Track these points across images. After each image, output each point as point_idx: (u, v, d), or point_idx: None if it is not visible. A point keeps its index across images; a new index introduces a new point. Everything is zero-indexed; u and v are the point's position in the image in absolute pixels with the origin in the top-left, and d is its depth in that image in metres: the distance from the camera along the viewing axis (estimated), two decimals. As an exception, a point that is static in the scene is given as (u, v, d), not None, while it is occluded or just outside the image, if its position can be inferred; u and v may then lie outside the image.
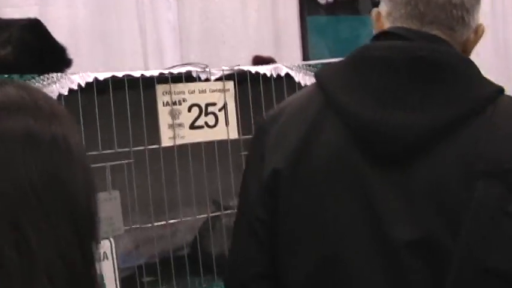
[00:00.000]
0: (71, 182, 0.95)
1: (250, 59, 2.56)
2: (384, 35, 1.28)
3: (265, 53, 2.70)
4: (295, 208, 1.24)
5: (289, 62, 2.18)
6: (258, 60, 2.11)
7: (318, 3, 2.84)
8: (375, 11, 1.38)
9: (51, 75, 1.78)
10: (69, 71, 1.85)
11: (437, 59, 1.17)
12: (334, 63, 1.33)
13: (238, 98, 2.04)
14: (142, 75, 1.88)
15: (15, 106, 0.95)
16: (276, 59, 2.62)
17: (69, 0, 2.38)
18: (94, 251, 1.00)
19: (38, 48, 1.78)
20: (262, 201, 1.28)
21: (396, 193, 1.16)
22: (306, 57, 2.78)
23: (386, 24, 1.32)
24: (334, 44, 2.86)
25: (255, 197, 1.29)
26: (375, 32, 1.36)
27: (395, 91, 1.17)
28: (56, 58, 1.83)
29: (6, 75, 1.70)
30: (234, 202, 2.11)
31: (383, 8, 1.34)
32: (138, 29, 2.50)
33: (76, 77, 1.80)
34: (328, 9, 2.86)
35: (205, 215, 2.07)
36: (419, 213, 1.14)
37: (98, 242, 1.01)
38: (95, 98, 1.84)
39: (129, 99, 1.88)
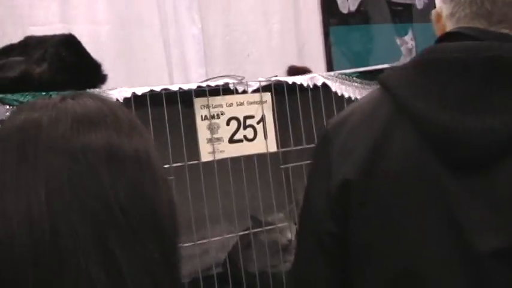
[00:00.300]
0: (156, 198, 0.89)
1: (274, 71, 2.52)
2: (450, 36, 1.23)
3: (289, 64, 2.66)
4: (369, 219, 1.17)
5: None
6: (293, 71, 2.06)
7: (341, 13, 2.80)
8: (434, 12, 1.33)
9: (87, 91, 1.71)
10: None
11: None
12: (398, 67, 1.27)
13: (276, 109, 1.98)
14: (180, 88, 1.82)
15: (95, 119, 0.89)
16: (300, 70, 2.58)
17: (92, 17, 2.32)
18: (179, 268, 0.94)
19: (73, 64, 1.73)
20: (332, 214, 1.22)
21: (478, 200, 1.09)
22: (330, 67, 2.73)
23: (449, 25, 1.27)
24: (357, 53, 2.81)
25: (323, 210, 1.22)
26: (437, 33, 1.31)
27: (472, 94, 1.11)
28: (92, 74, 1.77)
29: (43, 93, 1.65)
30: (274, 217, 2.06)
31: (443, 8, 1.29)
32: (162, 43, 2.45)
33: (115, 92, 1.74)
34: (349, 19, 2.82)
35: (246, 231, 2.00)
36: (506, 220, 1.08)
37: (180, 259, 0.96)
38: (134, 114, 1.77)
39: (167, 113, 1.82)
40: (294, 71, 2.04)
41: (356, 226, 1.18)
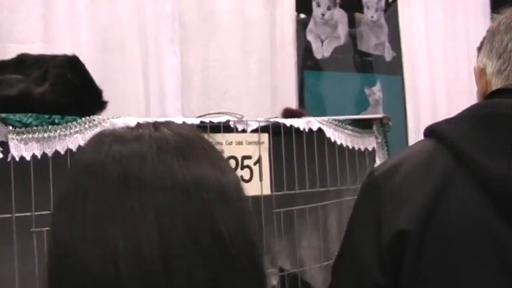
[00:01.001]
0: (253, 231, 0.85)
1: (250, 110, 2.48)
2: (502, 92, 1.24)
3: (262, 103, 2.63)
4: (425, 272, 1.14)
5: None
6: (288, 113, 2.01)
7: (315, 58, 2.80)
8: (476, 68, 1.34)
9: (92, 117, 1.62)
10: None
11: None
12: (453, 120, 1.26)
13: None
14: (183, 122, 1.74)
15: (197, 151, 0.84)
16: (272, 111, 2.55)
17: (75, 39, 2.21)
18: None
19: (78, 87, 1.62)
20: (381, 265, 1.18)
21: None
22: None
23: (495, 81, 1.29)
24: (328, 99, 2.81)
25: (372, 260, 1.19)
26: (480, 88, 1.32)
27: None
28: (94, 99, 1.67)
29: (46, 116, 1.54)
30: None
31: (487, 64, 1.30)
32: (141, 72, 2.36)
33: (119, 121, 1.64)
34: (323, 64, 2.82)
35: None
36: None
37: None
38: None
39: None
40: (289, 113, 2.00)
41: (411, 279, 1.15)
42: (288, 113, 2.00)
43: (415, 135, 2.94)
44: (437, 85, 3.16)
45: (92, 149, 0.84)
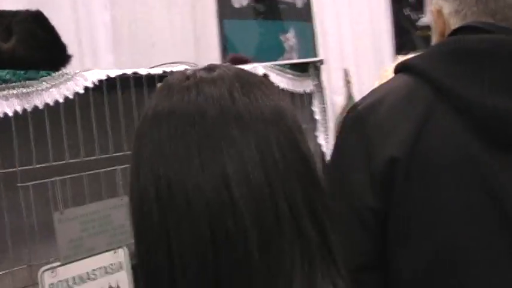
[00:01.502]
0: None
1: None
2: (465, 29, 1.37)
3: (187, 54, 2.69)
4: (412, 196, 1.26)
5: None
6: (236, 60, 2.10)
7: (233, 7, 2.87)
8: (434, 9, 1.46)
9: (64, 71, 1.64)
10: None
11: None
12: (424, 56, 1.38)
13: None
14: (149, 73, 1.80)
15: (264, 86, 0.92)
16: (197, 61, 2.62)
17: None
18: None
19: (46, 42, 1.63)
20: (374, 190, 1.29)
21: None
22: (223, 60, 2.79)
23: (454, 21, 1.41)
24: (247, 47, 2.90)
25: (365, 186, 1.29)
26: (436, 28, 1.45)
27: (508, 81, 1.27)
28: (61, 54, 1.68)
29: (22, 71, 1.55)
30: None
31: (444, 5, 1.42)
32: (74, 28, 2.35)
33: (89, 74, 1.67)
34: (241, 13, 2.90)
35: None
36: None
37: None
38: (105, 97, 1.72)
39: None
40: (236, 60, 2.08)
41: (399, 200, 1.27)
42: (236, 60, 2.08)
43: (327, 75, 3.08)
44: (344, 29, 3.33)
45: (178, 95, 0.90)
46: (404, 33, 3.66)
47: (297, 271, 0.84)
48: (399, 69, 1.42)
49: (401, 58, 1.78)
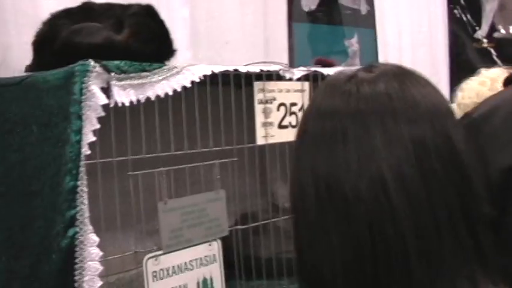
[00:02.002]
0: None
1: (248, 60, 2.56)
2: None
3: (257, 54, 2.72)
4: None
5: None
6: (321, 63, 2.13)
7: (303, 11, 2.91)
8: None
9: (174, 65, 1.67)
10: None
11: None
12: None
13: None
14: (247, 71, 1.83)
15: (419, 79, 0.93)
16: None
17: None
18: None
19: (158, 35, 1.67)
20: (490, 197, 1.32)
21: None
22: (291, 62, 2.83)
23: None
24: (314, 51, 2.94)
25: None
26: None
27: None
28: (169, 47, 1.72)
29: (137, 63, 1.58)
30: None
31: None
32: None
33: (196, 69, 1.71)
34: (310, 17, 2.94)
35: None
36: None
37: None
38: (208, 92, 1.76)
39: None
40: (322, 63, 2.12)
41: None
42: (321, 63, 2.11)
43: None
44: (404, 38, 3.36)
45: (341, 95, 0.93)
46: (460, 45, 3.69)
47: (459, 281, 0.85)
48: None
49: (484, 71, 1.83)
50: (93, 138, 1.47)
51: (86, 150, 1.46)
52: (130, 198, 1.57)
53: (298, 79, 1.99)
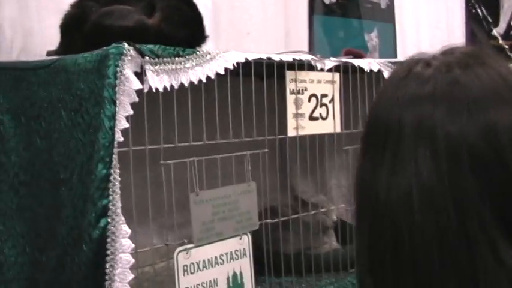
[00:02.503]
0: None
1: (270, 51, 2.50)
2: None
3: (278, 45, 2.66)
4: None
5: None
6: (351, 54, 2.07)
7: (323, 3, 2.85)
8: None
9: (207, 51, 1.61)
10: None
11: None
12: None
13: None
14: (280, 59, 1.77)
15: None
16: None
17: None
18: None
19: (191, 20, 1.60)
20: None
21: None
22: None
23: None
24: (333, 44, 2.89)
25: None
26: None
27: None
28: (202, 32, 1.66)
29: (171, 48, 1.52)
30: (318, 198, 2.06)
31: None
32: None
33: (229, 56, 1.64)
34: (329, 10, 2.88)
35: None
36: None
37: None
38: (241, 81, 1.70)
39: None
40: (352, 54, 2.06)
41: None
42: (351, 55, 2.05)
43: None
44: (422, 34, 3.31)
45: (392, 88, 0.87)
46: (477, 42, 3.64)
47: None
48: None
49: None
50: (127, 125, 1.40)
51: (119, 137, 1.39)
52: (162, 188, 1.50)
53: (329, 70, 1.93)
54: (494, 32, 3.69)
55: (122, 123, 1.41)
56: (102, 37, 1.50)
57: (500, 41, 3.68)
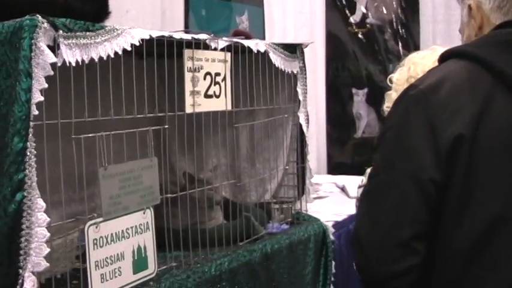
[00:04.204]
0: None
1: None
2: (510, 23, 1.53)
3: (155, 24, 2.69)
4: (474, 171, 1.40)
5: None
6: (239, 34, 2.14)
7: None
8: (473, 3, 1.60)
9: (115, 26, 1.63)
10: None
11: None
12: (478, 45, 1.52)
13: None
14: (181, 38, 1.81)
15: None
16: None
17: None
18: None
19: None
20: (439, 164, 1.41)
21: None
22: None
23: (494, 16, 1.56)
24: (204, 25, 2.96)
25: (430, 160, 1.40)
26: (475, 22, 1.59)
27: None
28: (106, 7, 1.67)
29: (81, 22, 1.53)
30: (206, 175, 2.12)
31: (485, 1, 1.58)
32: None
33: (135, 32, 1.67)
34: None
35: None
36: None
37: None
38: (144, 57, 1.73)
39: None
40: (239, 35, 2.13)
41: (462, 176, 1.40)
42: (239, 34, 2.13)
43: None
44: (287, 18, 3.45)
45: None
46: (336, 28, 3.84)
47: None
48: (450, 55, 1.55)
49: (439, 48, 1.94)
50: (41, 98, 1.40)
51: (34, 111, 1.38)
52: (72, 162, 1.50)
53: (222, 49, 1.99)
54: (351, 19, 3.91)
55: (37, 97, 1.39)
56: (10, 10, 1.47)
57: (356, 29, 3.91)
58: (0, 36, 1.41)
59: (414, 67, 2.09)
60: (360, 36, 3.90)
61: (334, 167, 3.75)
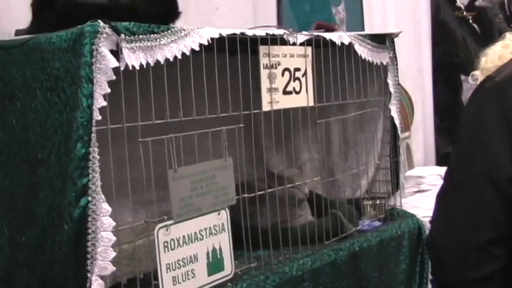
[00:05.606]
0: None
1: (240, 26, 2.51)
2: None
3: (246, 20, 2.66)
4: None
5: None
6: (322, 27, 2.08)
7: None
8: None
9: (181, 27, 1.61)
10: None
11: None
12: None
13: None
14: (254, 34, 1.77)
15: None
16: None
17: None
18: None
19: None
20: None
21: None
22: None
23: None
24: (301, 17, 2.90)
25: (506, 158, 1.29)
26: None
27: None
28: (174, 8, 1.65)
29: (146, 25, 1.51)
30: (291, 172, 2.07)
31: None
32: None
33: (204, 32, 1.64)
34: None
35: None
36: None
37: None
38: (215, 57, 1.70)
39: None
40: (323, 28, 2.07)
41: None
42: (322, 28, 2.06)
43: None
44: (388, 5, 3.33)
45: None
46: (442, 13, 3.68)
47: None
48: None
49: (508, 35, 1.80)
50: (104, 103, 1.40)
51: (96, 116, 1.39)
52: (140, 165, 1.50)
53: (301, 44, 1.94)
54: (458, 2, 3.72)
55: (100, 102, 1.40)
56: (75, 15, 1.49)
57: (464, 12, 3.72)
58: (65, 44, 1.43)
59: (485, 58, 1.93)
60: (469, 20, 3.70)
61: (443, 158, 3.59)
